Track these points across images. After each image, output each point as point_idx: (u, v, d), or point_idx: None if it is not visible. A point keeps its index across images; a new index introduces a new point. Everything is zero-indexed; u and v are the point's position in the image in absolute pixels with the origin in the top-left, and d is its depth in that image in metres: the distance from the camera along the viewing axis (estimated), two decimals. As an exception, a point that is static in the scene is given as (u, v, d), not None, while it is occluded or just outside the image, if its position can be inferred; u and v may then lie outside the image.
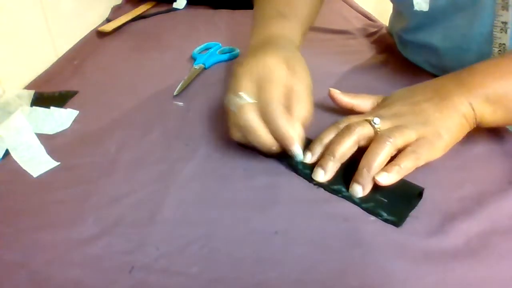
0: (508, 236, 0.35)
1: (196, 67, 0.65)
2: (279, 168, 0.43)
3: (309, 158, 0.42)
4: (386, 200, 0.38)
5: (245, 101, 0.40)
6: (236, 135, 0.42)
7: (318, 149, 0.42)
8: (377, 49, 0.73)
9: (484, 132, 0.48)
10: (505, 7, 0.46)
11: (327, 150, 0.41)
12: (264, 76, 0.41)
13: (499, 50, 0.49)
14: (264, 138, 0.40)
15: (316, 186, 0.40)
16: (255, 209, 0.38)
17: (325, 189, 0.40)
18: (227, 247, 0.34)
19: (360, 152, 0.40)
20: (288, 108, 0.41)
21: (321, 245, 0.34)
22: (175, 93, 0.57)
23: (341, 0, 0.99)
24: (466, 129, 0.41)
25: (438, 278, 0.31)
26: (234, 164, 0.44)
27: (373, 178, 0.37)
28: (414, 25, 0.61)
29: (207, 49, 0.72)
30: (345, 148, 0.40)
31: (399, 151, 0.39)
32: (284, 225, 0.36)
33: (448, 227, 0.35)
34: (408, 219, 0.36)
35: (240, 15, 0.91)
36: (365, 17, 0.89)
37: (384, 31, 0.79)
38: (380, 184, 0.37)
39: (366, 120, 0.41)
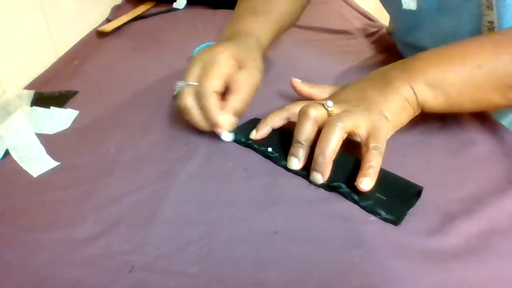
0: (508, 236, 0.35)
1: (196, 67, 0.65)
2: (279, 168, 0.43)
3: (254, 134, 0.46)
4: (385, 198, 0.38)
5: (187, 85, 0.44)
6: (182, 116, 0.46)
7: (262, 127, 0.46)
8: (377, 49, 0.73)
9: (484, 132, 0.48)
10: (490, 7, 0.47)
11: (294, 139, 0.42)
12: (209, 63, 0.44)
13: None
14: (196, 120, 0.45)
15: (316, 186, 0.40)
16: (255, 209, 0.38)
17: (324, 189, 0.40)
18: (227, 247, 0.34)
19: (354, 148, 0.41)
20: (226, 96, 0.45)
21: (321, 245, 0.34)
22: (175, 93, 0.57)
23: (341, 0, 0.99)
24: (409, 112, 0.43)
25: (438, 278, 0.31)
26: (234, 164, 0.44)
27: (328, 164, 0.39)
28: (404, 27, 0.62)
29: (207, 49, 0.71)
30: (308, 132, 0.41)
31: (349, 135, 0.40)
32: (284, 225, 0.36)
33: (448, 227, 0.35)
34: (408, 219, 0.36)
35: (240, 15, 0.91)
36: (365, 17, 0.89)
37: (384, 31, 0.79)
38: (364, 191, 0.38)
39: (320, 103, 0.42)
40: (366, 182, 0.38)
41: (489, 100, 0.42)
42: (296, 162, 0.42)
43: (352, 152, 0.42)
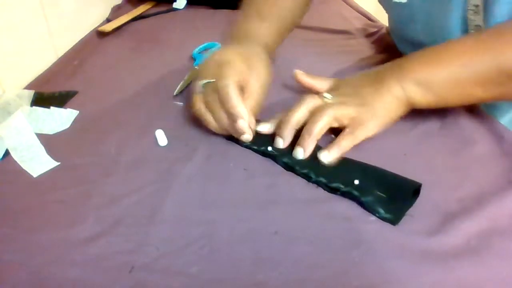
0: (508, 236, 0.35)
1: (196, 67, 0.65)
2: (279, 168, 0.43)
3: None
4: (384, 196, 0.38)
5: (205, 84, 0.45)
6: (200, 121, 0.47)
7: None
8: (377, 49, 0.73)
9: (484, 132, 0.48)
10: None
11: (284, 121, 0.44)
12: (222, 62, 0.46)
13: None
14: (219, 116, 0.45)
15: (315, 185, 0.40)
16: (255, 209, 0.38)
17: (324, 189, 0.40)
18: (227, 247, 0.34)
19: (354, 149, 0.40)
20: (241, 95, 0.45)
21: (321, 245, 0.34)
22: (175, 93, 0.57)
23: (341, 0, 0.99)
24: (400, 109, 0.46)
25: (438, 278, 0.31)
26: (234, 164, 0.44)
27: (309, 142, 0.43)
28: (398, 22, 0.62)
29: (207, 49, 0.72)
30: (299, 116, 0.44)
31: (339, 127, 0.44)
32: (284, 225, 0.36)
33: (448, 227, 0.35)
34: (408, 219, 0.36)
35: (240, 15, 0.91)
36: (365, 17, 0.89)
37: (384, 31, 0.79)
38: (323, 162, 0.42)
39: (319, 96, 0.46)
40: (323, 154, 0.42)
41: (473, 95, 0.45)
42: (281, 142, 0.44)
43: (352, 155, 0.42)
